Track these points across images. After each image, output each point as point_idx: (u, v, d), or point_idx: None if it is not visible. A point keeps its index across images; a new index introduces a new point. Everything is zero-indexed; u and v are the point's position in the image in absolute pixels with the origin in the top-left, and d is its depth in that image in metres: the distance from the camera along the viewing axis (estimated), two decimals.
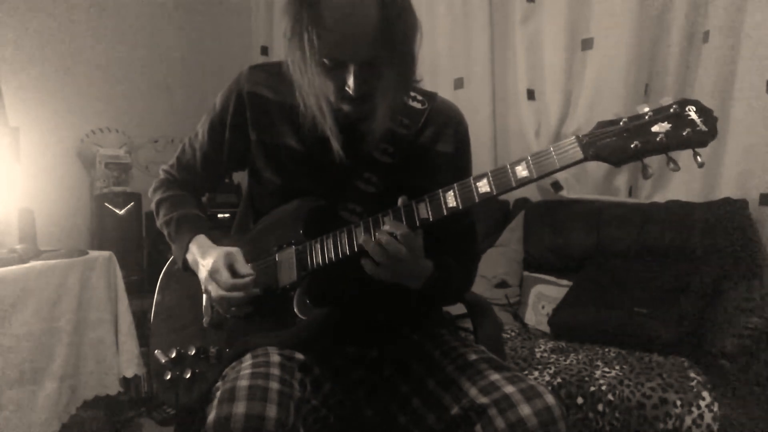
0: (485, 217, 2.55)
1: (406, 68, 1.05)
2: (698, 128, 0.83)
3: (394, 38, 0.99)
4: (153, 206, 1.28)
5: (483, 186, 0.91)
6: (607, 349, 1.87)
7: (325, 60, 0.97)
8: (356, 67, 0.98)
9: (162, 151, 2.87)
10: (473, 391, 0.96)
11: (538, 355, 1.85)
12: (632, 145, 0.85)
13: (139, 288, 2.47)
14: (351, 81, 0.99)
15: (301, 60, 0.99)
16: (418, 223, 0.94)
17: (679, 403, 1.48)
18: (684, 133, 0.83)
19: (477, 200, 0.91)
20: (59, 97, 2.55)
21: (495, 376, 0.97)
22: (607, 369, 1.68)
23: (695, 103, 0.84)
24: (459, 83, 2.81)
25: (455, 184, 0.93)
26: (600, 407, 1.57)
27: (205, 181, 1.29)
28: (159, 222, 1.25)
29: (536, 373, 1.71)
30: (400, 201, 0.97)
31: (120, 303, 2.18)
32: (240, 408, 0.86)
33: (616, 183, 2.49)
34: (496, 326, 1.36)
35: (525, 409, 0.90)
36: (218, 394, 0.92)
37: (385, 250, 0.93)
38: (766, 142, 2.08)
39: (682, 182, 2.32)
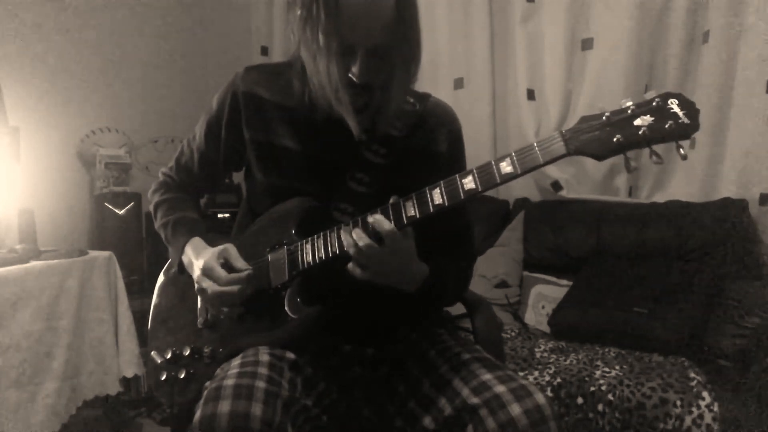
0: (485, 217, 2.56)
1: (411, 62, 1.05)
2: (681, 121, 0.83)
3: (405, 30, 1.00)
4: (151, 208, 1.28)
5: (469, 183, 0.91)
6: (607, 349, 1.87)
7: (335, 43, 0.97)
8: (364, 54, 0.98)
9: (162, 151, 2.87)
10: (465, 391, 0.96)
11: (538, 355, 1.85)
12: (614, 139, 0.85)
13: (139, 288, 2.47)
14: (356, 68, 0.99)
15: (312, 40, 0.99)
16: (405, 221, 0.94)
17: (679, 403, 1.48)
18: (666, 126, 0.83)
19: (463, 197, 0.91)
20: (59, 97, 2.55)
21: (487, 376, 0.97)
22: (607, 369, 1.68)
23: (678, 96, 0.84)
24: (459, 83, 2.81)
25: (441, 182, 0.93)
26: (600, 407, 1.57)
27: (203, 183, 1.29)
28: (157, 225, 1.25)
29: (536, 373, 1.71)
30: (391, 200, 0.97)
31: (120, 303, 2.18)
32: (225, 407, 0.86)
33: (616, 183, 2.49)
34: (496, 326, 1.36)
35: (515, 409, 0.90)
36: (205, 393, 0.92)
37: (358, 247, 0.93)
38: (766, 142, 2.07)
39: (682, 182, 2.32)
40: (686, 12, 2.25)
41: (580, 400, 1.60)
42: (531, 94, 2.64)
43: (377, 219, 0.93)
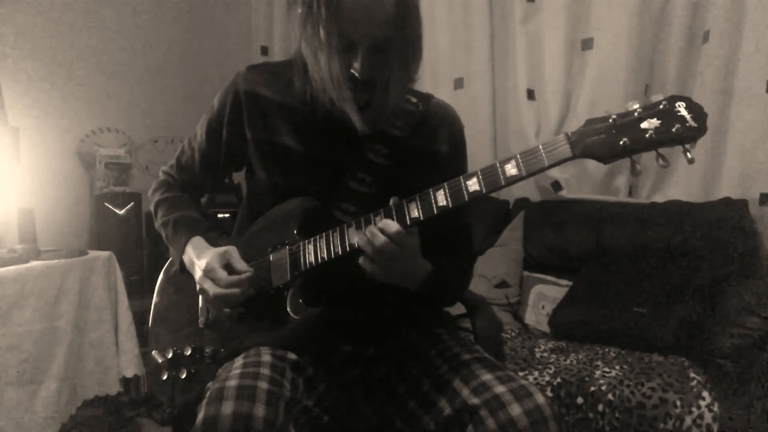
0: (485, 217, 2.56)
1: (412, 60, 1.05)
2: (688, 124, 0.82)
3: (406, 26, 1.00)
4: (152, 207, 1.28)
5: (473, 185, 0.91)
6: (607, 349, 1.87)
7: (336, 39, 0.97)
8: (365, 51, 0.98)
9: (162, 151, 2.87)
10: (465, 392, 0.96)
11: (538, 355, 1.85)
12: (621, 142, 0.84)
13: (139, 288, 2.47)
14: (358, 64, 0.99)
15: (313, 36, 0.99)
16: (409, 222, 0.95)
17: (679, 403, 1.48)
18: (673, 129, 0.82)
19: (467, 199, 0.91)
20: (59, 97, 2.55)
21: (487, 377, 0.97)
22: (607, 369, 1.68)
23: (685, 99, 0.84)
24: (459, 83, 2.81)
25: (445, 183, 0.94)
26: (600, 407, 1.57)
27: (204, 182, 1.29)
28: (157, 224, 1.25)
29: (536, 373, 1.71)
30: (392, 201, 0.97)
31: (120, 303, 2.18)
32: (228, 408, 0.86)
33: (616, 183, 2.49)
34: (496, 326, 1.36)
35: (515, 409, 0.90)
36: (207, 394, 0.92)
37: (374, 245, 0.93)
38: (766, 142, 2.08)
39: (682, 182, 2.32)
40: (686, 12, 2.25)
41: (580, 400, 1.60)
42: (531, 94, 2.64)
43: (385, 223, 0.94)
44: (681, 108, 0.83)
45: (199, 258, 1.11)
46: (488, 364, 1.02)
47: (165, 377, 1.16)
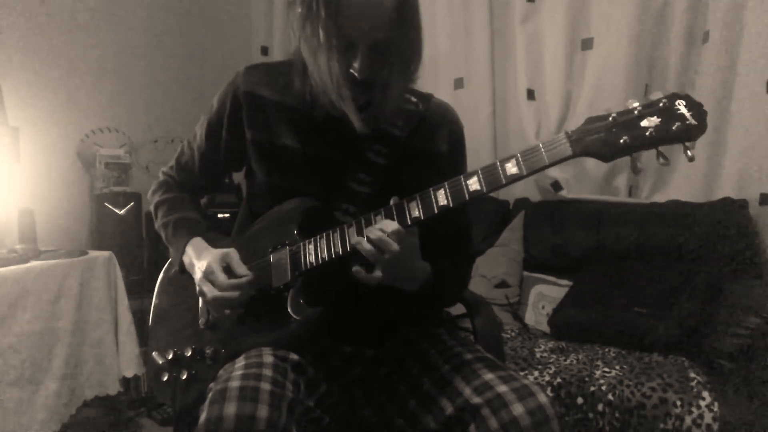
0: (485, 217, 2.56)
1: (412, 59, 1.05)
2: (688, 122, 0.82)
3: (405, 26, 1.00)
4: (151, 208, 1.28)
5: (473, 184, 0.91)
6: (607, 349, 1.87)
7: (335, 40, 0.97)
8: (365, 51, 0.98)
9: (162, 151, 2.87)
10: (467, 391, 0.96)
11: (538, 355, 1.85)
12: (621, 140, 0.84)
13: (139, 288, 2.47)
14: (358, 63, 0.99)
15: (312, 36, 0.99)
16: (409, 222, 0.94)
17: (679, 403, 1.48)
18: (673, 128, 0.82)
19: (467, 198, 0.91)
20: (59, 97, 2.55)
21: (489, 376, 0.97)
22: (607, 369, 1.68)
23: (685, 97, 0.84)
24: (459, 83, 2.81)
25: (446, 183, 0.93)
26: (600, 407, 1.57)
27: (203, 182, 1.29)
28: (157, 225, 1.25)
29: (536, 373, 1.71)
30: (392, 201, 0.97)
31: (120, 303, 2.18)
32: (231, 409, 0.86)
33: (616, 183, 2.49)
34: (496, 326, 1.36)
35: (518, 409, 0.90)
36: (210, 395, 0.92)
37: (377, 247, 0.93)
38: (766, 142, 2.08)
39: (682, 182, 2.32)
40: (686, 12, 2.26)
41: (580, 400, 1.61)
42: (531, 94, 2.64)
43: (384, 223, 0.93)
44: (681, 106, 0.83)
45: (199, 259, 1.11)
46: (490, 363, 1.02)
47: (165, 378, 1.16)
